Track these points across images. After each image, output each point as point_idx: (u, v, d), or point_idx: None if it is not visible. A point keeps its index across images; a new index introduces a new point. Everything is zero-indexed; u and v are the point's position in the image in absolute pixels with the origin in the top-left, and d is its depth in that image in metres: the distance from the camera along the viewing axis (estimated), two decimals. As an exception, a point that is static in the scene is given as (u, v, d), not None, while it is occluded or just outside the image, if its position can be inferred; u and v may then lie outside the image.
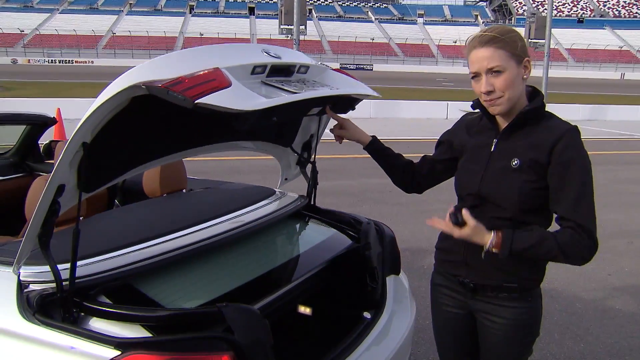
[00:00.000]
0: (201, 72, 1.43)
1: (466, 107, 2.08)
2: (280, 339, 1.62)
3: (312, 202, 2.69)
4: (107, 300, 1.64)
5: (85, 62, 64.87)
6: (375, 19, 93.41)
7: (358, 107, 2.24)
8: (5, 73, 36.92)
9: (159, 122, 1.85)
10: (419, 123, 15.73)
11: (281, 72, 1.77)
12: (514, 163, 1.82)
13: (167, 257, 1.87)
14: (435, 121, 15.90)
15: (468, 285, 1.97)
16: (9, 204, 3.67)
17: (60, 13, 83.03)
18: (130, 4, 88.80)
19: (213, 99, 1.37)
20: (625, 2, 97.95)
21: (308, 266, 2.29)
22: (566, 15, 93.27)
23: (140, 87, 1.38)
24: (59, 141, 3.46)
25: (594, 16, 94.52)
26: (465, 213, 1.77)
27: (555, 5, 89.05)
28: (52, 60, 64.24)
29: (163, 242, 1.96)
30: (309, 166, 2.67)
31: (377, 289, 2.37)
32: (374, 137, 2.20)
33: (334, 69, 2.08)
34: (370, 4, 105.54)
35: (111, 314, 1.56)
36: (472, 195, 1.92)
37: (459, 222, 1.76)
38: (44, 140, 4.24)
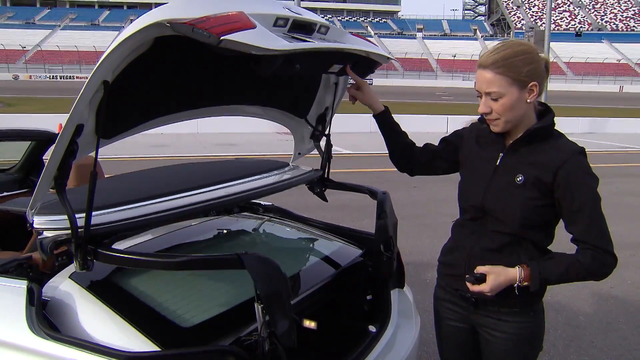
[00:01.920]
0: (227, 13, 1.43)
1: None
2: (285, 352, 1.62)
3: (326, 175, 2.66)
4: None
5: (86, 77, 64.61)
6: (375, 33, 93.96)
7: (359, 121, 2.27)
8: (7, 89, 37.08)
9: (180, 71, 1.86)
10: (420, 137, 15.45)
11: (302, 28, 1.76)
12: (518, 179, 1.83)
13: (179, 211, 1.86)
14: (435, 135, 15.55)
15: (470, 300, 1.97)
16: (13, 220, 3.68)
17: (61, 29, 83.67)
18: (132, 19, 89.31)
19: (239, 37, 1.38)
20: (622, 16, 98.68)
21: (316, 278, 2.29)
22: (564, 29, 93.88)
23: (165, 25, 1.37)
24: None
25: (591, 30, 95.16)
26: (478, 268, 1.83)
27: (553, 20, 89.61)
28: (53, 76, 64.50)
29: (175, 198, 1.95)
30: (323, 141, 2.65)
31: (392, 262, 2.35)
32: (387, 107, 2.20)
33: (354, 34, 2.10)
34: (370, 19, 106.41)
35: (125, 260, 1.56)
36: (474, 207, 1.93)
37: (479, 278, 1.82)
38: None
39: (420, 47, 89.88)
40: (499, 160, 1.90)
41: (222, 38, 1.35)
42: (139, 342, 1.55)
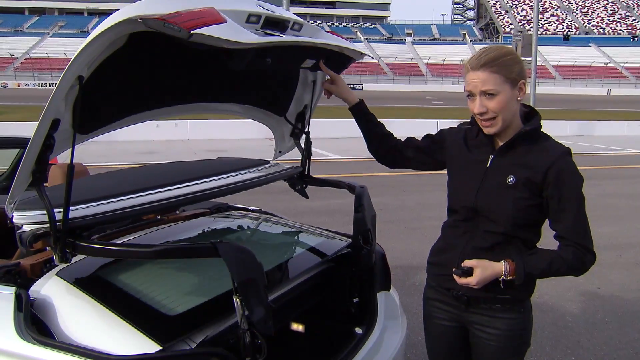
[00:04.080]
0: (198, 9, 1.47)
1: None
2: (272, 355, 1.64)
3: (306, 172, 2.69)
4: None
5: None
6: (365, 38, 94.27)
7: (350, 126, 2.30)
8: (-4, 97, 36.85)
9: (157, 68, 1.89)
10: (409, 141, 15.89)
11: (275, 25, 1.78)
12: (509, 180, 1.89)
13: (156, 205, 1.89)
14: (425, 139, 15.91)
15: (462, 298, 2.01)
16: (1, 227, 3.67)
17: (50, 37, 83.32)
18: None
19: (209, 30, 1.41)
20: (609, 19, 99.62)
21: (303, 267, 2.30)
22: (552, 33, 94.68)
23: (137, 21, 1.40)
24: (53, 164, 3.48)
25: (579, 34, 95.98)
26: (465, 262, 1.90)
27: (541, 24, 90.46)
28: (42, 83, 64.01)
29: (153, 193, 1.97)
30: (303, 138, 2.69)
31: (371, 254, 2.38)
32: (361, 99, 2.25)
33: (328, 31, 2.13)
34: (359, 24, 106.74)
35: (104, 251, 1.58)
36: (466, 208, 1.98)
37: (467, 271, 1.88)
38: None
39: (410, 51, 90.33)
40: (489, 162, 1.95)
41: (192, 32, 1.39)
42: (128, 334, 1.57)
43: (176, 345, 1.60)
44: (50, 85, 63.51)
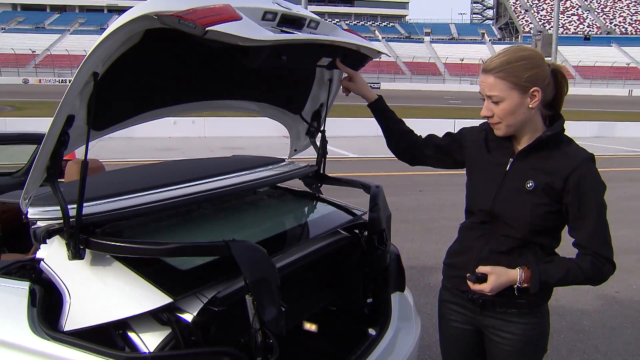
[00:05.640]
0: (213, 6, 1.46)
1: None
2: (285, 355, 1.63)
3: (321, 171, 2.68)
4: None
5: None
6: (383, 37, 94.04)
7: (365, 125, 2.28)
8: (17, 93, 37.41)
9: (172, 65, 1.89)
10: (426, 141, 15.82)
11: (292, 23, 1.77)
12: (528, 185, 1.85)
13: (171, 202, 1.88)
14: (442, 139, 15.82)
15: (477, 302, 1.98)
16: (19, 222, 3.72)
17: (71, 34, 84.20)
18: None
19: (224, 27, 1.41)
20: (632, 19, 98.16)
21: (312, 234, 2.28)
22: (572, 33, 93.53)
23: (153, 17, 1.40)
24: (70, 160, 3.51)
25: (600, 33, 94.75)
26: (479, 268, 1.86)
27: (562, 23, 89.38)
28: (62, 80, 64.82)
29: (169, 190, 1.97)
30: (319, 137, 2.67)
31: (386, 255, 2.35)
32: (380, 96, 2.22)
33: (345, 29, 2.11)
34: (377, 23, 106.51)
35: (117, 248, 1.57)
36: (484, 212, 1.95)
37: (481, 278, 1.84)
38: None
39: (428, 51, 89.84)
40: (508, 166, 1.91)
41: (207, 29, 1.38)
42: (139, 286, 1.57)
43: (187, 299, 1.58)
44: (69, 82, 64.37)
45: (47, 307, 1.64)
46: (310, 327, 2.36)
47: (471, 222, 2.03)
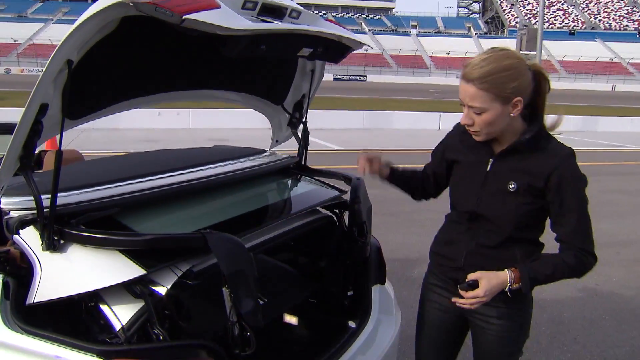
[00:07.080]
0: None
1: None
2: (265, 347, 1.62)
3: (302, 162, 2.67)
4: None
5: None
6: (369, 30, 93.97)
7: (351, 117, 2.27)
8: (-1, 83, 36.84)
9: (150, 54, 1.85)
10: (412, 134, 15.66)
11: (272, 12, 1.74)
12: (510, 186, 1.86)
13: (147, 193, 1.85)
14: (427, 132, 15.86)
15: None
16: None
17: (54, 23, 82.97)
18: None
19: (201, 16, 1.38)
20: (615, 15, 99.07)
21: (292, 210, 2.27)
22: (557, 28, 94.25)
23: (129, 4, 1.36)
24: (48, 151, 3.46)
25: (585, 28, 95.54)
26: (469, 276, 1.85)
27: (547, 18, 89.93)
28: (45, 70, 63.99)
29: (146, 181, 1.94)
30: (301, 128, 2.66)
31: (366, 247, 2.36)
32: (391, 168, 2.22)
33: (327, 19, 2.08)
34: (364, 16, 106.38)
35: (91, 239, 1.54)
36: (468, 212, 1.97)
37: (472, 284, 1.85)
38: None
39: (415, 44, 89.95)
40: (489, 167, 1.92)
41: (184, 17, 1.35)
42: (112, 258, 1.54)
43: (161, 272, 1.56)
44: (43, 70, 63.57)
45: (20, 300, 1.61)
46: (290, 319, 2.35)
47: (457, 216, 2.05)
